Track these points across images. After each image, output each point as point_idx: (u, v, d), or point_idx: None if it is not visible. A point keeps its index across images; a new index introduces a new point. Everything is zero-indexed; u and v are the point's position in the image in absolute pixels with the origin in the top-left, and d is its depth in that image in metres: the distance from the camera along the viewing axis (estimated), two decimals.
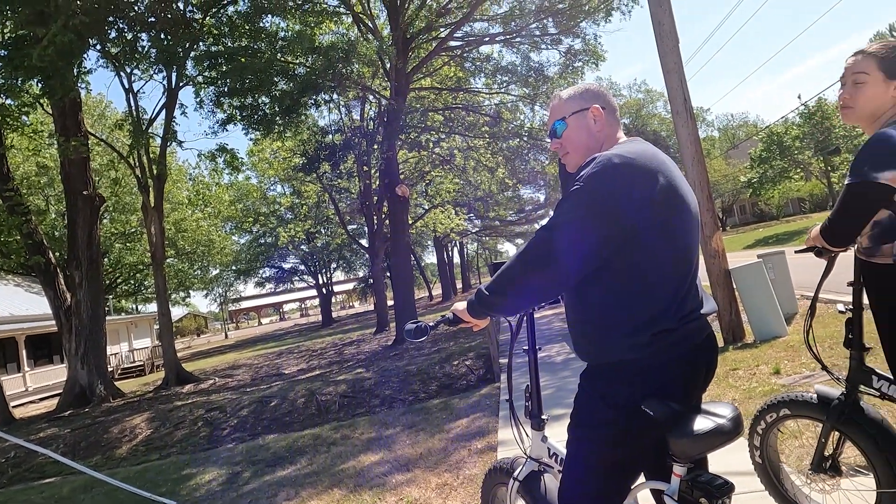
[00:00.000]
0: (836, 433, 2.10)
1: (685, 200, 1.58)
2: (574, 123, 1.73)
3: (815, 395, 2.15)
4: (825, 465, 2.13)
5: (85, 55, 13.33)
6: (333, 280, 47.46)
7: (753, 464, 2.42)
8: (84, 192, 14.77)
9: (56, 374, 21.97)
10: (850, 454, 2.20)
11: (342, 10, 16.21)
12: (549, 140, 1.84)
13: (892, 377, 1.99)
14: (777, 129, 35.43)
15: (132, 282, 32.30)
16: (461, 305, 1.77)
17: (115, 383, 17.13)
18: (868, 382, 2.02)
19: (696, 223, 1.63)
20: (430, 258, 56.93)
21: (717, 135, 69.69)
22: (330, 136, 22.73)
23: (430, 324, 1.89)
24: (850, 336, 2.08)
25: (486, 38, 18.08)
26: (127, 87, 15.76)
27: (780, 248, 18.65)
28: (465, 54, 19.07)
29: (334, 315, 48.95)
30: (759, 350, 6.09)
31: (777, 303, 6.70)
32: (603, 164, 1.49)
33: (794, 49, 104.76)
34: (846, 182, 1.67)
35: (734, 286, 7.05)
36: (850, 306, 2.09)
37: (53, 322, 16.16)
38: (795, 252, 2.18)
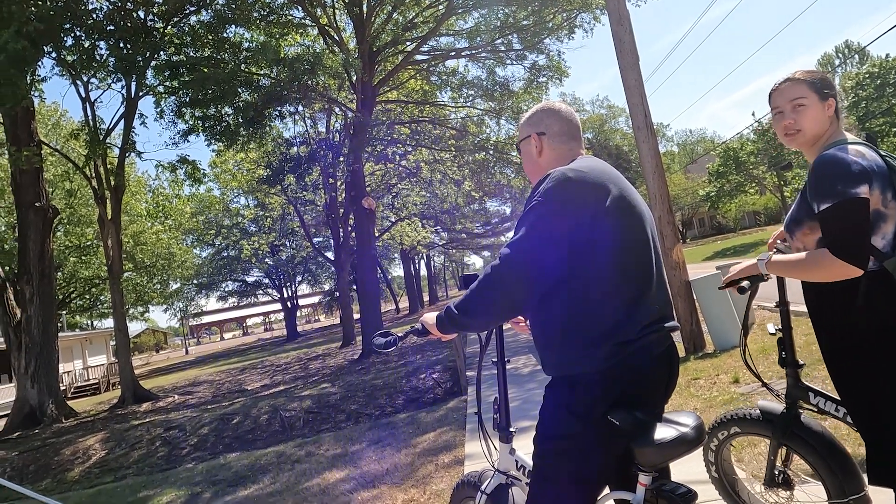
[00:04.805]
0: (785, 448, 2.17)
1: (639, 212, 1.62)
2: (524, 150, 1.84)
3: (759, 412, 2.21)
4: (778, 480, 2.19)
5: (39, 63, 12.93)
6: (298, 293, 46.78)
7: (711, 479, 2.46)
8: (36, 204, 14.26)
9: (4, 393, 20.97)
10: (801, 461, 2.26)
11: (308, 22, 16.14)
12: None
13: (827, 395, 2.07)
14: (733, 144, 36.70)
15: (87, 297, 31.16)
16: (430, 319, 1.76)
17: (68, 403, 16.44)
18: (806, 399, 2.10)
19: (653, 234, 1.67)
20: (397, 271, 56.80)
21: (676, 150, 71.82)
22: (295, 147, 22.50)
23: (399, 335, 1.88)
24: (783, 355, 2.16)
25: (452, 53, 18.26)
26: (84, 95, 15.31)
27: (737, 259, 19.23)
28: (431, 68, 19.19)
29: (299, 329, 48.18)
30: (719, 359, 6.24)
31: (735, 313, 6.88)
32: (558, 179, 1.54)
33: (748, 67, 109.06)
34: (825, 208, 1.67)
35: (694, 297, 7.23)
36: (780, 326, 2.18)
37: (2, 339, 15.46)
38: (719, 288, 2.26)
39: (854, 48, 58.32)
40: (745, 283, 2.05)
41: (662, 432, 1.45)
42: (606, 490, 1.68)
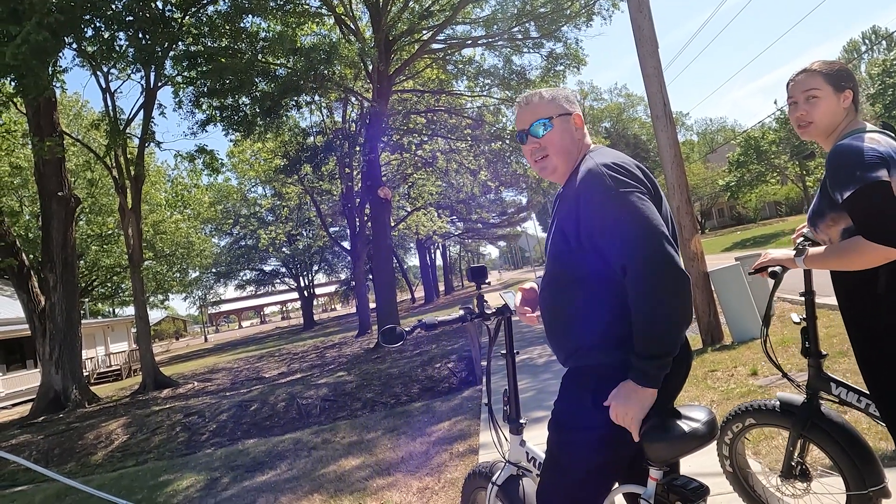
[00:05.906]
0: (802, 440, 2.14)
1: (664, 203, 1.61)
2: (560, 126, 1.69)
3: (778, 403, 2.19)
4: (795, 472, 2.16)
5: (60, 54, 13.07)
6: (315, 282, 47.20)
7: (724, 472, 2.44)
8: (59, 193, 14.50)
9: (29, 378, 21.51)
10: (818, 452, 2.23)
11: (324, 11, 16.11)
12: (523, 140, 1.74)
13: (849, 385, 2.05)
14: (754, 133, 36.02)
15: (109, 284, 31.75)
16: (636, 395, 1.44)
17: (91, 388, 16.80)
18: (827, 389, 2.08)
19: (674, 227, 1.65)
20: (413, 260, 56.88)
21: (696, 139, 70.80)
22: (311, 137, 22.57)
23: (407, 329, 1.89)
24: (806, 345, 2.13)
25: (469, 41, 18.11)
26: (104, 86, 15.50)
27: (757, 250, 18.94)
28: (447, 57, 19.07)
29: (316, 318, 48.61)
30: (737, 351, 6.17)
31: (754, 305, 6.80)
32: (613, 167, 1.52)
33: (769, 55, 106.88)
34: (848, 195, 1.64)
35: (712, 288, 7.15)
36: (804, 316, 2.14)
37: (27, 326, 15.81)
38: (749, 273, 2.23)
39: (881, 34, 56.73)
40: (777, 269, 2.03)
41: (674, 428, 1.44)
42: (617, 483, 1.68)
